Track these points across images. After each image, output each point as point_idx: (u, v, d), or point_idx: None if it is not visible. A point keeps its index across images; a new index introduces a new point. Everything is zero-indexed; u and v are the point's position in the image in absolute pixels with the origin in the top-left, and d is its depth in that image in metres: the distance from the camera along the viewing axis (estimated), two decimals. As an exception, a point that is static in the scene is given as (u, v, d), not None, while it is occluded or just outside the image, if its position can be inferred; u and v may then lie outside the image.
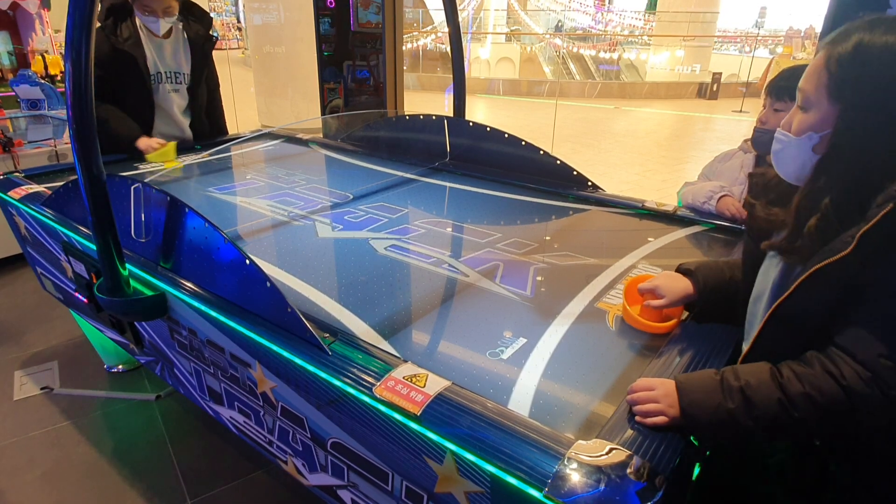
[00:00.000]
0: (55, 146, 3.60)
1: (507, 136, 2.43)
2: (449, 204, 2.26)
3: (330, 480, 1.27)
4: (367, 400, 1.04)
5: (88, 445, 2.19)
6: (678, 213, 1.99)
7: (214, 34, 2.91)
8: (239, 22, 22.01)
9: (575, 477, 0.82)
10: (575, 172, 2.27)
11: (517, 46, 21.07)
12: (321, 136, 3.38)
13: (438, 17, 18.53)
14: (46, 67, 4.72)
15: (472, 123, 2.57)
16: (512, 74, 19.30)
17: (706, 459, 1.08)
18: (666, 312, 1.31)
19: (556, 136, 7.93)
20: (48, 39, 5.15)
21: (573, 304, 1.42)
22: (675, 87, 14.93)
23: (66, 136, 3.75)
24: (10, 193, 2.14)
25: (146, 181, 1.55)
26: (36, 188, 2.14)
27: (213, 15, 2.92)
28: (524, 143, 2.38)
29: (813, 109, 0.94)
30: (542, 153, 2.34)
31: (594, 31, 23.12)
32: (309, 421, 1.23)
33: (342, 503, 1.28)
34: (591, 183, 2.25)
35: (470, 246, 1.78)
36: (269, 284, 1.22)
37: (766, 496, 1.18)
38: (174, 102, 2.82)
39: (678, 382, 0.97)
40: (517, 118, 11.29)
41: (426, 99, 13.28)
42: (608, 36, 21.56)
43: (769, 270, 1.06)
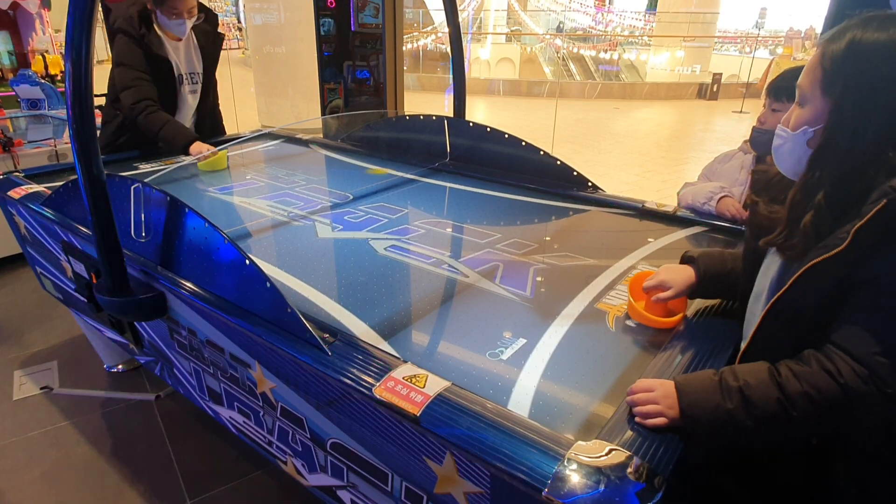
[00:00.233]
0: (55, 146, 3.60)
1: (507, 136, 2.43)
2: (449, 204, 2.26)
3: (329, 481, 1.27)
4: (366, 400, 1.04)
5: (88, 445, 2.19)
6: (678, 213, 1.99)
7: (220, 33, 2.92)
8: (239, 22, 22.01)
9: (574, 478, 0.82)
10: (575, 173, 2.27)
11: (517, 47, 21.07)
12: (321, 136, 3.38)
13: (439, 17, 18.53)
14: (46, 67, 4.72)
15: (472, 124, 2.57)
16: (512, 75, 19.30)
17: (706, 460, 1.08)
18: (671, 307, 1.33)
19: (556, 136, 7.92)
20: (48, 39, 5.16)
21: (573, 304, 1.42)
22: (675, 87, 14.93)
23: (66, 135, 3.75)
24: (9, 193, 2.14)
25: (146, 181, 1.55)
26: (36, 188, 2.14)
27: (213, 15, 2.92)
28: (524, 143, 2.38)
29: (808, 105, 0.96)
30: (542, 154, 2.34)
31: (594, 31, 23.13)
32: (308, 421, 1.23)
33: (341, 503, 1.28)
34: (590, 183, 2.25)
35: (470, 246, 1.78)
36: (268, 284, 1.22)
37: (764, 496, 1.18)
38: (188, 103, 2.86)
39: (677, 383, 0.97)
40: (517, 118, 11.29)
41: (426, 99, 13.27)
42: (608, 36, 21.58)
43: (769, 268, 1.06)
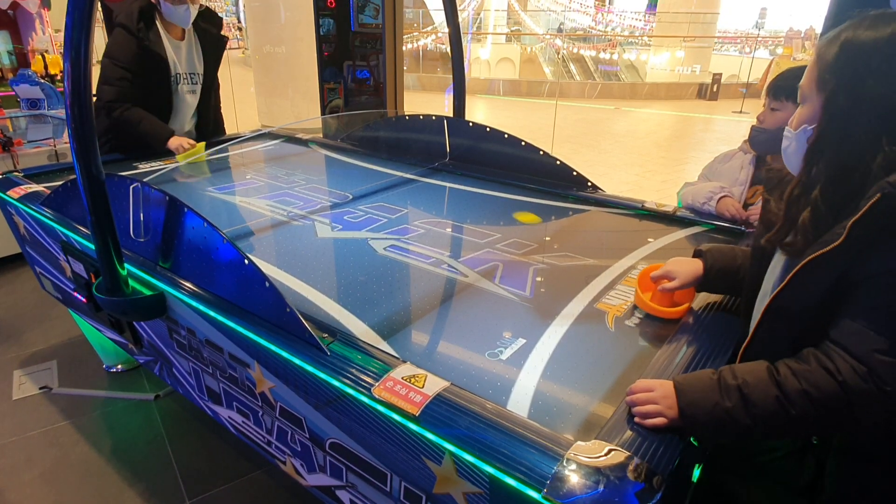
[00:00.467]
0: (55, 146, 3.60)
1: (506, 136, 2.43)
2: (448, 204, 2.26)
3: (328, 481, 1.27)
4: (365, 400, 1.04)
5: (87, 445, 2.19)
6: (678, 213, 1.99)
7: (224, 35, 2.93)
8: (239, 22, 22.02)
9: (574, 478, 0.82)
10: (575, 173, 2.27)
11: (517, 47, 21.08)
12: (321, 136, 3.38)
13: (438, 17, 18.53)
14: (46, 67, 4.72)
15: (471, 124, 2.57)
16: (512, 75, 19.31)
17: (706, 460, 1.08)
18: (677, 299, 1.35)
19: (555, 136, 7.93)
20: (48, 39, 5.15)
21: (572, 304, 1.42)
22: (675, 87, 14.94)
23: (65, 135, 3.75)
24: (9, 193, 2.14)
25: (145, 181, 1.55)
26: (35, 188, 2.14)
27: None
28: (524, 143, 2.38)
29: (807, 104, 0.98)
30: (541, 153, 2.34)
31: (594, 31, 23.14)
32: (307, 421, 1.23)
33: (340, 503, 1.28)
34: (590, 183, 2.25)
35: (469, 246, 1.78)
36: (268, 284, 1.22)
37: (764, 495, 1.18)
38: (188, 103, 2.86)
39: (676, 383, 0.97)
40: (517, 118, 11.29)
41: (426, 99, 13.28)
42: (608, 36, 21.58)
43: (775, 267, 1.06)
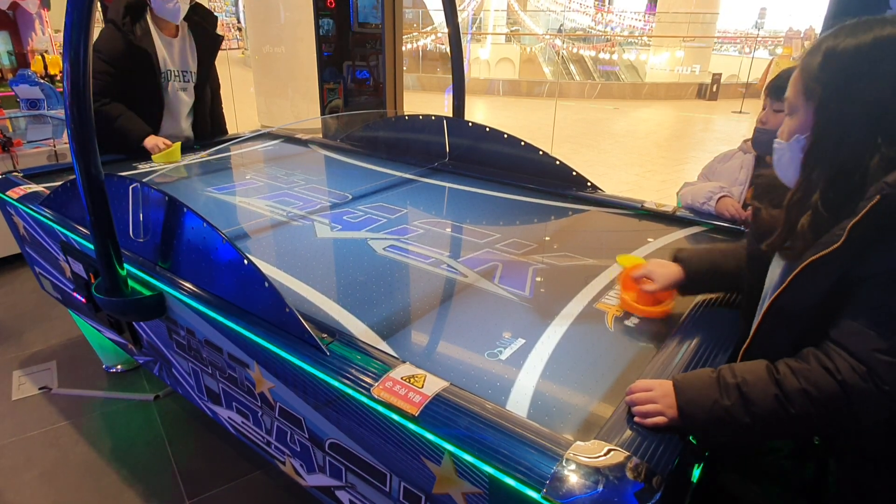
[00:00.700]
0: (54, 146, 3.60)
1: (506, 136, 2.43)
2: (448, 204, 2.26)
3: (328, 481, 1.27)
4: (365, 400, 1.04)
5: (87, 445, 2.19)
6: (677, 213, 1.99)
7: (219, 34, 2.92)
8: (239, 22, 22.02)
9: (573, 478, 0.82)
10: (574, 173, 2.27)
11: (517, 47, 21.08)
12: (320, 136, 3.38)
13: (438, 17, 18.53)
14: (46, 67, 4.72)
15: (471, 124, 2.57)
16: (512, 75, 19.32)
17: (706, 460, 1.08)
18: (659, 297, 1.37)
19: (555, 136, 7.92)
20: (48, 39, 5.15)
21: (572, 304, 1.42)
22: (674, 87, 14.94)
23: (65, 135, 3.75)
24: (8, 193, 2.14)
25: (145, 181, 1.55)
26: (35, 188, 2.14)
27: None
28: (523, 143, 2.38)
29: (796, 114, 0.99)
30: (541, 153, 2.34)
31: (594, 31, 23.15)
32: (307, 421, 1.23)
33: (340, 503, 1.28)
34: (590, 183, 2.25)
35: (469, 246, 1.78)
36: (267, 284, 1.22)
37: (765, 496, 1.18)
38: (181, 101, 2.83)
39: (675, 382, 0.97)
40: (517, 118, 11.30)
41: (426, 99, 13.28)
42: (607, 36, 21.59)
43: (774, 271, 1.07)
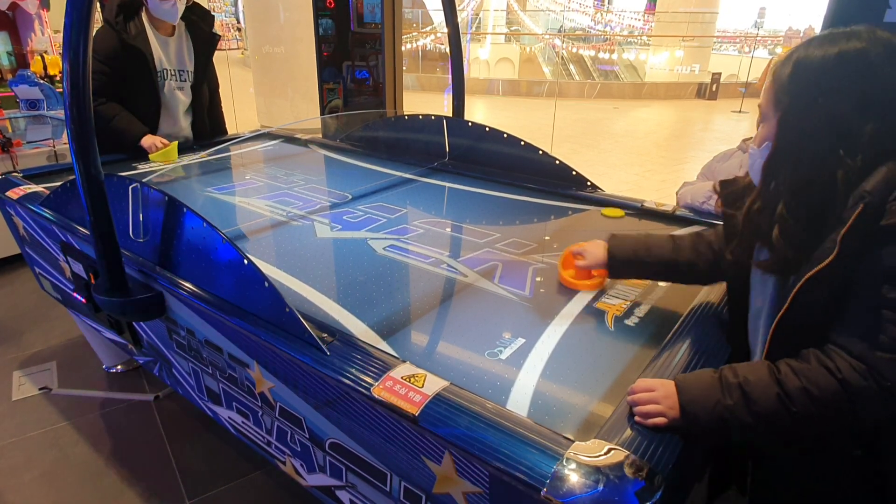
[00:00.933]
0: (54, 146, 3.59)
1: (505, 136, 2.43)
2: (448, 204, 2.26)
3: (328, 481, 1.27)
4: (365, 400, 1.04)
5: (87, 446, 2.19)
6: (677, 213, 1.99)
7: (216, 33, 2.92)
8: (238, 22, 22.03)
9: (573, 477, 0.82)
10: (574, 172, 2.27)
11: (516, 47, 21.09)
12: (320, 136, 3.38)
13: (438, 17, 18.54)
14: (45, 68, 4.71)
15: (471, 123, 2.57)
16: (511, 75, 19.33)
17: (712, 460, 1.07)
18: (594, 273, 1.49)
19: (555, 136, 7.92)
20: (47, 40, 5.14)
21: (572, 304, 1.42)
22: (674, 87, 14.95)
23: (64, 136, 3.74)
24: (8, 193, 2.14)
25: (144, 181, 1.55)
26: (34, 188, 2.14)
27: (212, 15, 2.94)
28: (523, 143, 2.38)
29: (767, 122, 1.00)
30: (541, 153, 2.34)
31: (593, 31, 23.16)
32: (307, 421, 1.23)
33: (340, 503, 1.28)
34: (590, 183, 2.25)
35: (469, 246, 1.78)
36: (267, 284, 1.22)
37: (772, 497, 1.16)
38: (179, 100, 2.83)
39: (677, 382, 0.97)
40: (517, 118, 11.30)
41: (425, 99, 13.28)
42: (607, 36, 21.59)
43: (764, 285, 1.06)
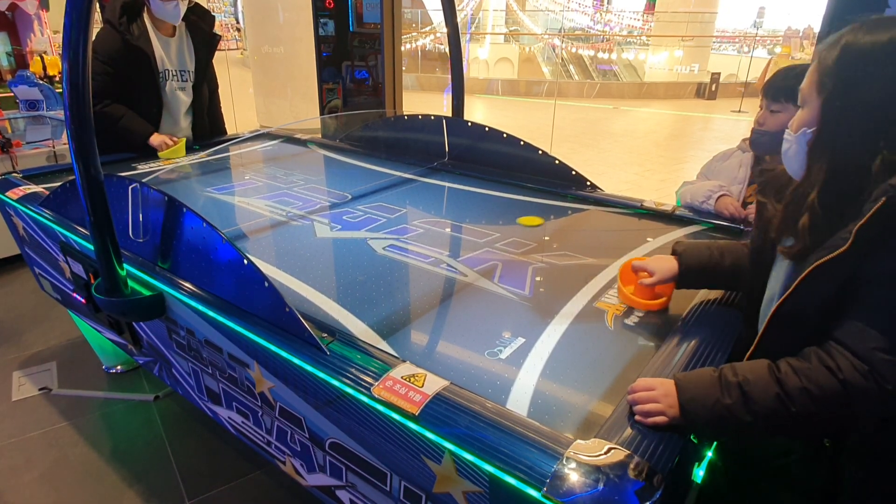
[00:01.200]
0: (53, 147, 3.60)
1: (505, 135, 2.43)
2: (447, 204, 2.26)
3: (328, 481, 1.27)
4: (365, 400, 1.04)
5: (87, 446, 2.19)
6: (677, 212, 1.99)
7: (216, 34, 2.92)
8: (238, 22, 22.02)
9: (573, 476, 0.82)
10: (573, 172, 2.27)
11: (516, 47, 21.10)
12: (320, 136, 3.38)
13: (437, 17, 18.54)
14: (45, 68, 4.71)
15: (470, 123, 2.57)
16: (510, 75, 19.33)
17: (717, 462, 1.07)
18: (657, 291, 1.39)
19: (554, 136, 7.92)
20: (47, 40, 5.14)
21: (572, 303, 1.42)
22: (673, 87, 14.95)
23: (64, 136, 3.74)
24: (8, 194, 2.14)
25: (144, 181, 1.55)
26: (34, 189, 2.14)
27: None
28: (522, 142, 2.38)
29: (807, 106, 0.98)
30: (540, 153, 2.34)
31: (593, 31, 23.16)
32: (307, 421, 1.23)
33: (340, 503, 1.28)
34: (589, 183, 2.25)
35: (468, 246, 1.78)
36: (267, 284, 1.22)
37: (774, 499, 1.17)
38: (180, 101, 2.83)
39: (677, 380, 0.97)
40: (516, 118, 11.30)
41: (425, 99, 13.29)
42: (606, 36, 21.60)
43: (779, 272, 1.06)
